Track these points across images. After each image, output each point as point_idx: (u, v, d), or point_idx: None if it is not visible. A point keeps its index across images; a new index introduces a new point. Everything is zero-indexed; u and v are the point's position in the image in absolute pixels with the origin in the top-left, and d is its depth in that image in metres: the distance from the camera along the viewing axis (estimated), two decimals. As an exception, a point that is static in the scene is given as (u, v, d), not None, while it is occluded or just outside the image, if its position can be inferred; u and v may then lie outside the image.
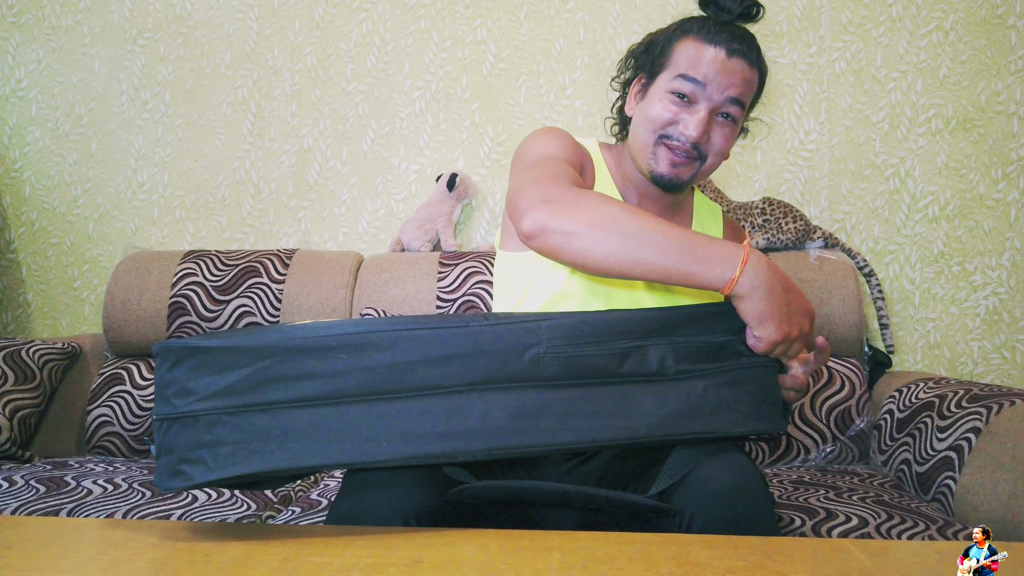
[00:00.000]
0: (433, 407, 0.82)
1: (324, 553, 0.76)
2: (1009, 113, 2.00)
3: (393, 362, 0.82)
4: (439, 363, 0.82)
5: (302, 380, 0.81)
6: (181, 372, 0.81)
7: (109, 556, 0.78)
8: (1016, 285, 1.99)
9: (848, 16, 2.04)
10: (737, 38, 1.04)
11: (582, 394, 0.85)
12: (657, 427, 0.86)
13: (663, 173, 1.07)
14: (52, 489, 1.38)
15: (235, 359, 0.81)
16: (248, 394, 0.80)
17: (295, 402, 0.81)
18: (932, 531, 1.19)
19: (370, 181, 2.15)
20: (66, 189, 2.20)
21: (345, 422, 0.81)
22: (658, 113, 1.05)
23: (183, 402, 0.80)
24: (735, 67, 1.03)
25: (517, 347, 0.84)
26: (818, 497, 1.36)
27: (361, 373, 0.81)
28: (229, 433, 0.80)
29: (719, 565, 0.74)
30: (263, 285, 1.84)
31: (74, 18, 2.19)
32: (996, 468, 1.24)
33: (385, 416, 0.81)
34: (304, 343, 0.81)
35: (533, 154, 1.07)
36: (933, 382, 1.61)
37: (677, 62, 1.05)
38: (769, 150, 2.06)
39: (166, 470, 0.81)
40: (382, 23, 2.14)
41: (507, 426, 0.83)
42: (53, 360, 1.78)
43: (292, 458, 0.80)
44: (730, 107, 1.04)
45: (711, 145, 1.06)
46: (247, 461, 0.79)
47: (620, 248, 0.88)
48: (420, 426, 0.82)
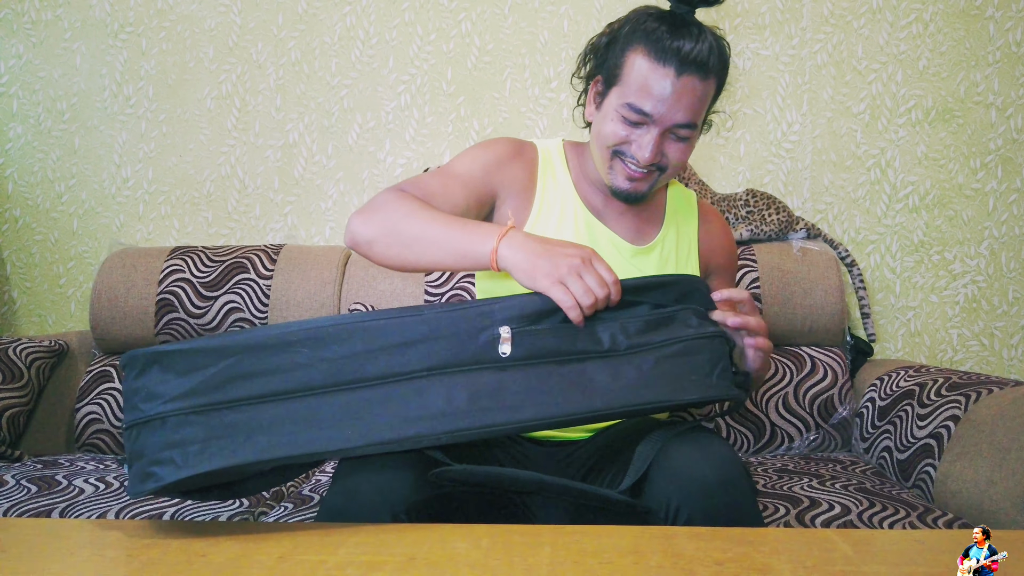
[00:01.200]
0: (395, 394, 0.84)
1: (319, 551, 0.77)
2: (987, 104, 2.02)
3: (354, 352, 0.84)
4: (398, 350, 0.85)
5: (266, 376, 0.83)
6: (148, 378, 0.83)
7: (105, 557, 0.79)
8: (994, 273, 2.03)
9: (829, 8, 2.05)
10: (689, 51, 1.01)
11: (538, 372, 0.87)
12: (613, 399, 0.89)
13: (621, 187, 1.09)
14: (43, 489, 1.38)
15: (199, 360, 0.83)
16: (214, 392, 0.82)
17: (260, 397, 0.83)
18: (912, 518, 1.22)
19: (356, 175, 2.15)
20: (50, 185, 2.19)
21: (310, 414, 0.83)
22: (611, 132, 1.06)
23: (150, 405, 0.82)
24: (685, 88, 1.01)
25: (472, 330, 0.87)
26: (802, 486, 1.38)
27: (323, 364, 0.83)
28: (197, 432, 0.81)
29: (706, 557, 0.75)
30: (251, 281, 1.85)
31: (54, 13, 2.17)
32: (974, 455, 1.27)
33: (349, 405, 0.83)
34: (265, 340, 0.83)
35: (444, 165, 1.13)
36: (913, 370, 1.64)
37: (627, 81, 1.04)
38: (752, 142, 2.08)
39: (136, 476, 0.83)
40: (366, 16, 2.14)
41: (468, 407, 0.85)
42: (40, 358, 1.78)
43: (259, 451, 0.81)
44: (681, 130, 1.04)
45: (666, 159, 1.07)
46: (216, 457, 0.80)
47: (406, 251, 0.98)
48: (384, 413, 0.84)
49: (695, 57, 1.00)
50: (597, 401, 0.88)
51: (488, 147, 1.15)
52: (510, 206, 1.13)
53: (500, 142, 1.16)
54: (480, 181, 1.11)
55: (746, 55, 2.07)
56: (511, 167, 1.14)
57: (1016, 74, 2.02)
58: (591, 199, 1.16)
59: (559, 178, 1.16)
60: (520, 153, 1.15)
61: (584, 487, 0.90)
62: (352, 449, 0.83)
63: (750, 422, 1.73)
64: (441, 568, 0.73)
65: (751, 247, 1.86)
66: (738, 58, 2.07)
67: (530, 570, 0.72)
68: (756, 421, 1.73)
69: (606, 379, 0.89)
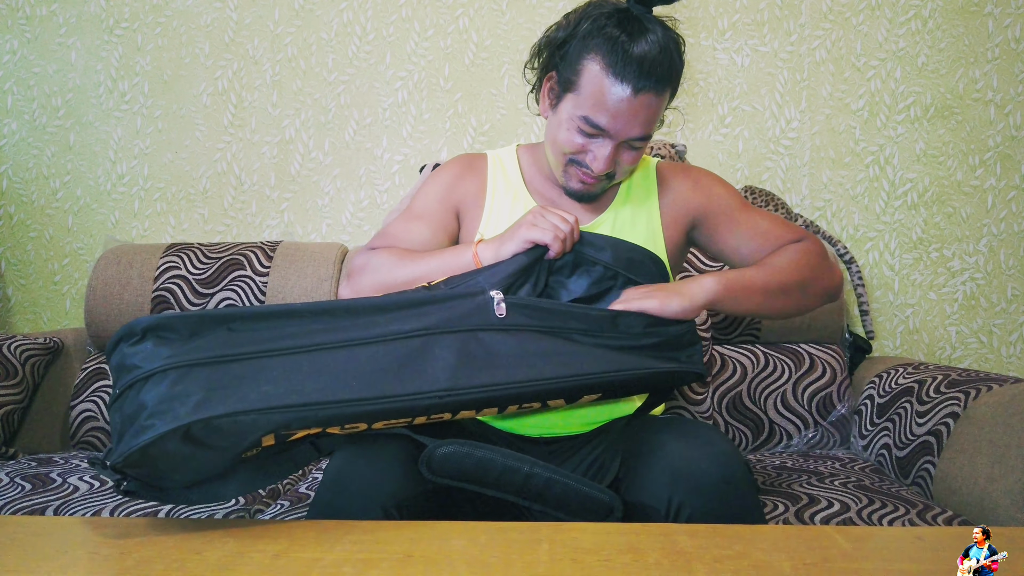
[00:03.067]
0: (396, 351, 0.88)
1: (315, 549, 0.77)
2: (986, 100, 2.02)
3: (357, 317, 0.90)
4: (399, 312, 0.91)
5: (273, 334, 0.86)
6: (148, 343, 0.82)
7: (100, 555, 0.78)
8: (993, 271, 2.02)
9: (828, 4, 2.05)
10: (646, 66, 1.01)
11: (529, 337, 0.95)
12: (600, 363, 0.96)
13: (575, 190, 1.13)
14: (38, 486, 1.37)
15: (205, 325, 0.84)
16: (220, 348, 0.83)
17: (267, 352, 0.84)
18: (912, 515, 1.22)
19: (353, 172, 2.14)
20: (44, 182, 2.18)
21: (316, 366, 0.85)
22: (566, 140, 1.08)
23: (152, 362, 0.80)
24: (640, 106, 1.03)
25: (465, 294, 0.96)
26: (801, 483, 1.38)
27: (328, 326, 0.88)
28: (200, 383, 0.80)
29: (705, 554, 0.75)
30: (247, 278, 1.84)
31: (49, 8, 2.16)
32: (974, 453, 1.27)
33: (352, 360, 0.86)
34: (269, 309, 0.87)
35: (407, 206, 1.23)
36: (912, 367, 1.64)
37: (584, 92, 1.04)
38: (750, 139, 2.07)
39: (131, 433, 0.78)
40: (363, 12, 2.13)
41: (463, 364, 0.90)
42: (35, 355, 1.77)
43: (266, 398, 0.81)
44: (636, 142, 1.07)
45: (620, 166, 1.10)
46: (222, 403, 0.79)
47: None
48: (386, 366, 0.87)
49: (650, 72, 1.01)
50: (585, 365, 0.95)
51: (438, 176, 1.23)
52: (466, 217, 1.19)
53: (449, 165, 1.24)
54: (439, 211, 1.19)
55: (744, 51, 2.06)
56: (461, 185, 1.20)
57: (1015, 71, 2.01)
58: (545, 193, 1.20)
59: (510, 180, 1.20)
60: (469, 167, 1.22)
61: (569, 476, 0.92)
62: (356, 400, 0.85)
63: (749, 419, 1.73)
64: (438, 565, 0.73)
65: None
66: (736, 55, 2.06)
67: (528, 567, 0.72)
68: (755, 418, 1.73)
69: (591, 343, 0.97)
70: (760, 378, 1.75)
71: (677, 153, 1.87)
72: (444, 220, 1.18)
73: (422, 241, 1.15)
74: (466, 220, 1.20)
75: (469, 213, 1.20)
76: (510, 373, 0.91)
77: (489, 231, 1.17)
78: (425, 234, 1.16)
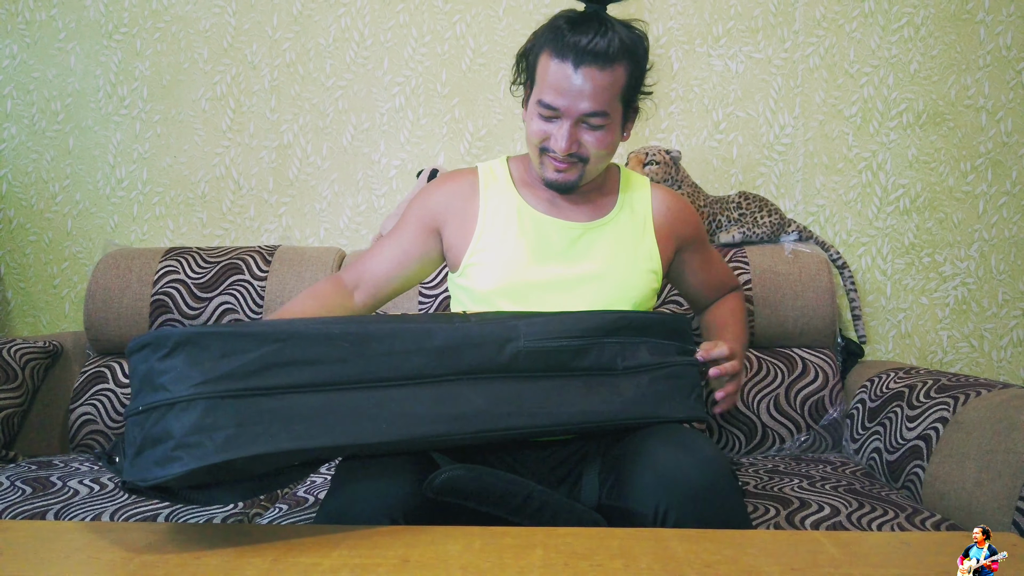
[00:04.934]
0: (427, 394, 0.90)
1: (313, 554, 0.78)
2: (978, 107, 2.04)
3: (392, 350, 0.90)
4: (431, 353, 0.92)
5: (306, 366, 0.85)
6: (178, 359, 0.81)
7: (100, 560, 0.79)
8: (984, 276, 2.04)
9: (821, 11, 2.07)
10: (585, 44, 1.07)
11: (552, 384, 0.99)
12: (616, 413, 1.01)
13: (551, 179, 1.16)
14: (38, 490, 1.38)
15: (238, 344, 0.83)
16: (251, 378, 0.82)
17: (299, 387, 0.84)
18: (901, 519, 1.23)
19: (351, 176, 2.15)
20: (44, 186, 2.19)
21: (349, 406, 0.85)
22: (534, 130, 1.14)
23: (180, 386, 0.79)
24: (583, 80, 1.07)
25: (499, 340, 0.97)
26: (792, 487, 1.40)
27: (361, 360, 0.88)
28: (229, 417, 0.79)
29: (696, 559, 0.77)
30: (245, 282, 1.85)
31: (48, 13, 2.17)
32: (962, 457, 1.29)
33: (385, 401, 0.87)
34: (307, 331, 0.87)
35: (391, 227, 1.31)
36: (903, 372, 1.66)
37: (540, 81, 1.12)
38: (744, 144, 2.09)
39: (154, 460, 0.79)
40: (360, 18, 2.14)
41: (491, 411, 0.93)
42: (35, 359, 1.78)
43: (297, 439, 0.81)
44: (590, 118, 1.10)
45: (586, 149, 1.13)
46: (252, 444, 0.79)
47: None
48: (416, 410, 0.89)
49: (591, 49, 1.07)
50: (603, 413, 1.01)
51: (418, 197, 1.27)
52: (454, 229, 1.22)
53: (431, 185, 1.28)
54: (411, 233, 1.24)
55: (739, 58, 2.08)
56: (444, 201, 1.24)
57: (1006, 78, 2.03)
58: (540, 196, 1.23)
59: (502, 188, 1.23)
60: (454, 182, 1.25)
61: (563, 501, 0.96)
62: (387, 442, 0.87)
63: (741, 423, 1.74)
64: (434, 570, 0.74)
65: (743, 249, 1.87)
66: (731, 61, 2.08)
67: (522, 572, 0.73)
68: (747, 422, 1.74)
69: (608, 393, 1.02)
70: (753, 382, 1.76)
71: (672, 159, 1.89)
72: (416, 242, 1.24)
73: (388, 263, 1.23)
74: (454, 229, 1.22)
75: (452, 225, 1.22)
76: (535, 418, 0.96)
77: (485, 235, 1.20)
78: (393, 256, 1.24)
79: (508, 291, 1.16)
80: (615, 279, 1.18)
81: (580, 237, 1.20)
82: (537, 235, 1.19)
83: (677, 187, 1.91)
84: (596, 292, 1.16)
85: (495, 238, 1.19)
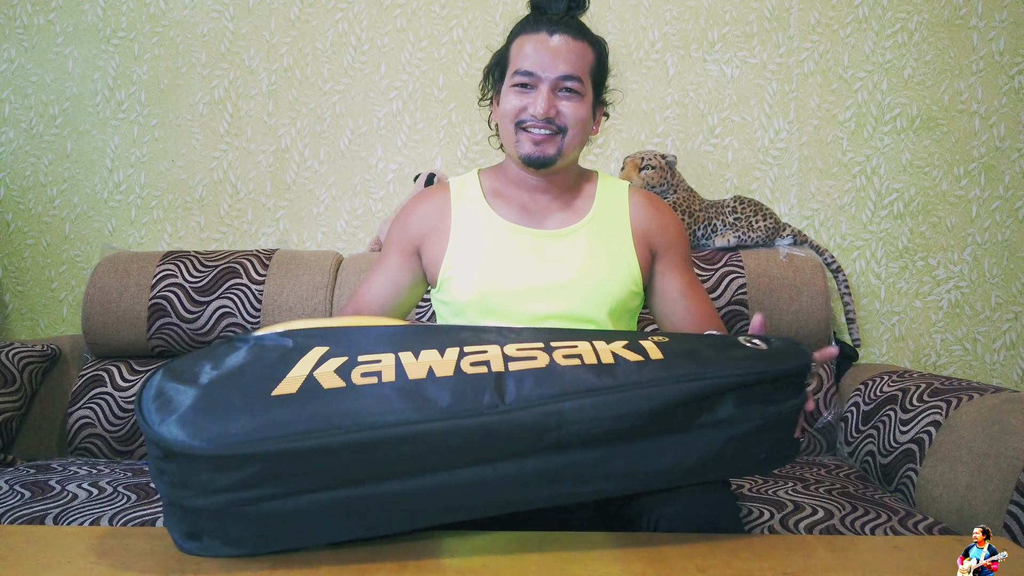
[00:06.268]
0: (447, 484, 0.80)
1: (312, 559, 0.79)
2: (971, 112, 2.06)
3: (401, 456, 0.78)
4: (452, 451, 0.79)
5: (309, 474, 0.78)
6: (176, 466, 0.78)
7: (100, 566, 0.80)
8: (977, 279, 2.06)
9: (816, 17, 2.08)
10: (556, 19, 1.17)
11: (600, 455, 0.83)
12: (674, 479, 0.87)
13: (529, 153, 1.18)
14: (37, 494, 1.39)
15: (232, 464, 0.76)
16: (251, 489, 0.77)
17: (305, 490, 0.78)
18: (894, 522, 1.25)
19: (348, 181, 2.16)
20: (42, 190, 2.19)
21: (360, 504, 0.79)
22: (511, 106, 1.18)
23: (184, 494, 0.78)
24: (559, 44, 1.15)
25: (536, 430, 0.80)
26: (786, 490, 1.41)
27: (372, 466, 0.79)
28: (240, 526, 0.79)
29: (690, 563, 0.78)
30: (243, 286, 1.86)
31: (46, 17, 2.18)
32: (954, 461, 1.30)
33: (400, 498, 0.80)
34: (304, 445, 0.76)
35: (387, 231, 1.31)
36: (897, 375, 1.67)
37: (513, 59, 1.19)
38: (739, 149, 2.10)
39: (179, 530, 0.81)
40: (358, 23, 2.15)
41: (520, 496, 0.83)
42: (33, 362, 1.79)
43: (307, 539, 0.81)
44: (567, 82, 1.16)
45: (563, 117, 1.17)
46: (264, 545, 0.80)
47: None
48: (435, 503, 0.81)
49: (564, 21, 1.17)
50: (654, 483, 0.87)
51: (396, 220, 1.29)
52: (430, 244, 1.24)
53: (406, 206, 1.30)
54: (394, 258, 1.27)
55: (734, 63, 2.09)
56: (419, 220, 1.26)
57: (999, 83, 2.05)
58: (512, 205, 1.24)
59: (473, 200, 1.25)
60: (425, 201, 1.27)
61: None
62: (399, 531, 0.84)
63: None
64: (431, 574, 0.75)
65: (738, 253, 1.88)
66: (726, 66, 2.09)
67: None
68: (743, 425, 1.75)
69: (671, 460, 0.85)
70: (748, 386, 1.77)
71: (668, 163, 1.90)
72: (403, 268, 1.26)
73: (379, 293, 1.27)
74: (431, 246, 1.25)
75: (433, 239, 1.24)
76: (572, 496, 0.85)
77: (458, 248, 1.22)
78: (383, 285, 1.27)
79: (481, 301, 1.17)
80: (589, 285, 1.18)
81: (551, 244, 1.20)
82: (507, 245, 1.20)
83: (673, 191, 1.92)
84: (570, 299, 1.17)
85: (467, 250, 1.21)
